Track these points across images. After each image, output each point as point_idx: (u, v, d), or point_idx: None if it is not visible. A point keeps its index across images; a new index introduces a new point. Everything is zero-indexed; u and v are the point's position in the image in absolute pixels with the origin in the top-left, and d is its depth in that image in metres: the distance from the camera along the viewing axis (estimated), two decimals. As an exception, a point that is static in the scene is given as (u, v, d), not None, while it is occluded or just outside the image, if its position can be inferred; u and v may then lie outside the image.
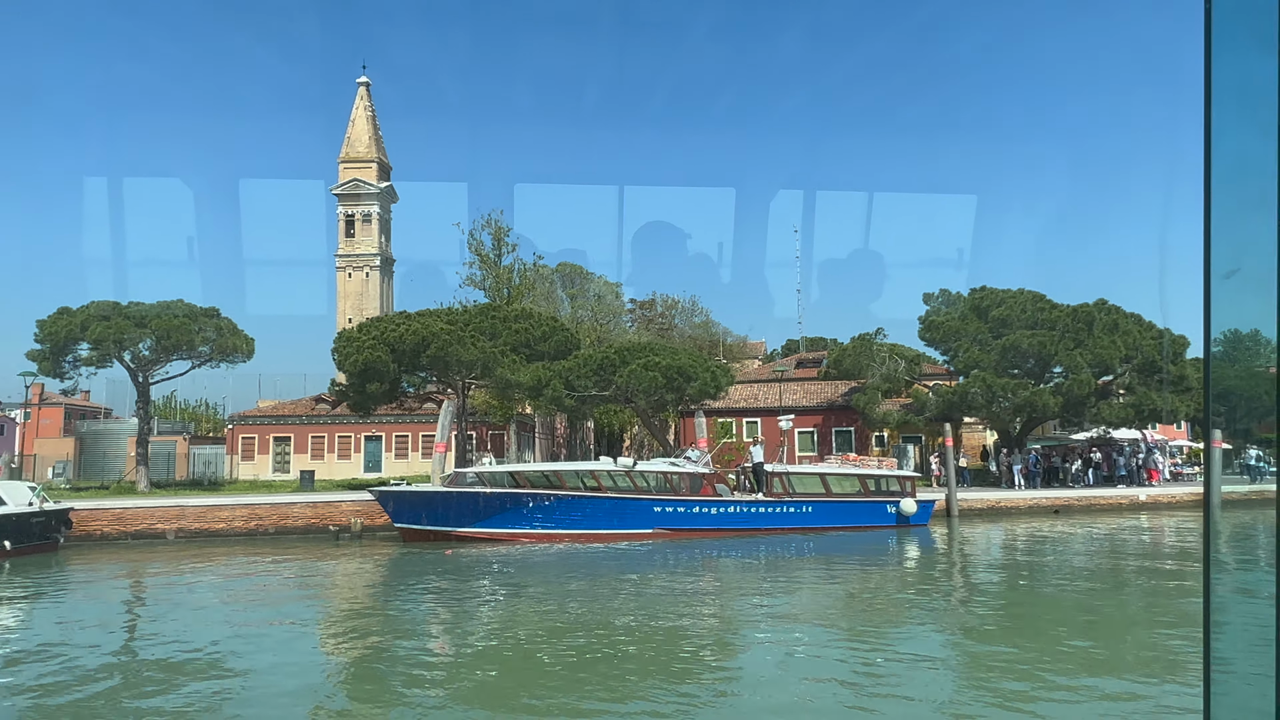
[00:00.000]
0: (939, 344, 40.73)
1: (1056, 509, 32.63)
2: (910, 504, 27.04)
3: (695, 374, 29.76)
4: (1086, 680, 10.65)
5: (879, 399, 42.28)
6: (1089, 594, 17.87)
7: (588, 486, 25.08)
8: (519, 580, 19.35)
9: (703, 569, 21.28)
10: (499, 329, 33.09)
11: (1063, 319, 37.29)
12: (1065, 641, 13.05)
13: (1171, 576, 19.81)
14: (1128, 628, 14.50)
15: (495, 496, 24.14)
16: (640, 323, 74.30)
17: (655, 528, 24.93)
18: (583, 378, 30.33)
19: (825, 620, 15.11)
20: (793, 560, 22.75)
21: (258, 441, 58.25)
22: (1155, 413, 36.53)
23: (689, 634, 13.69)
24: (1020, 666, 11.42)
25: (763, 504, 26.05)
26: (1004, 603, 17.18)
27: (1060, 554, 23.82)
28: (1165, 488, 35.77)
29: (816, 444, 47.22)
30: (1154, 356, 36.55)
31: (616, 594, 17.15)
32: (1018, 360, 36.97)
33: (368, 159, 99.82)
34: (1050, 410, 36.36)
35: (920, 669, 11.50)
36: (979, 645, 13.11)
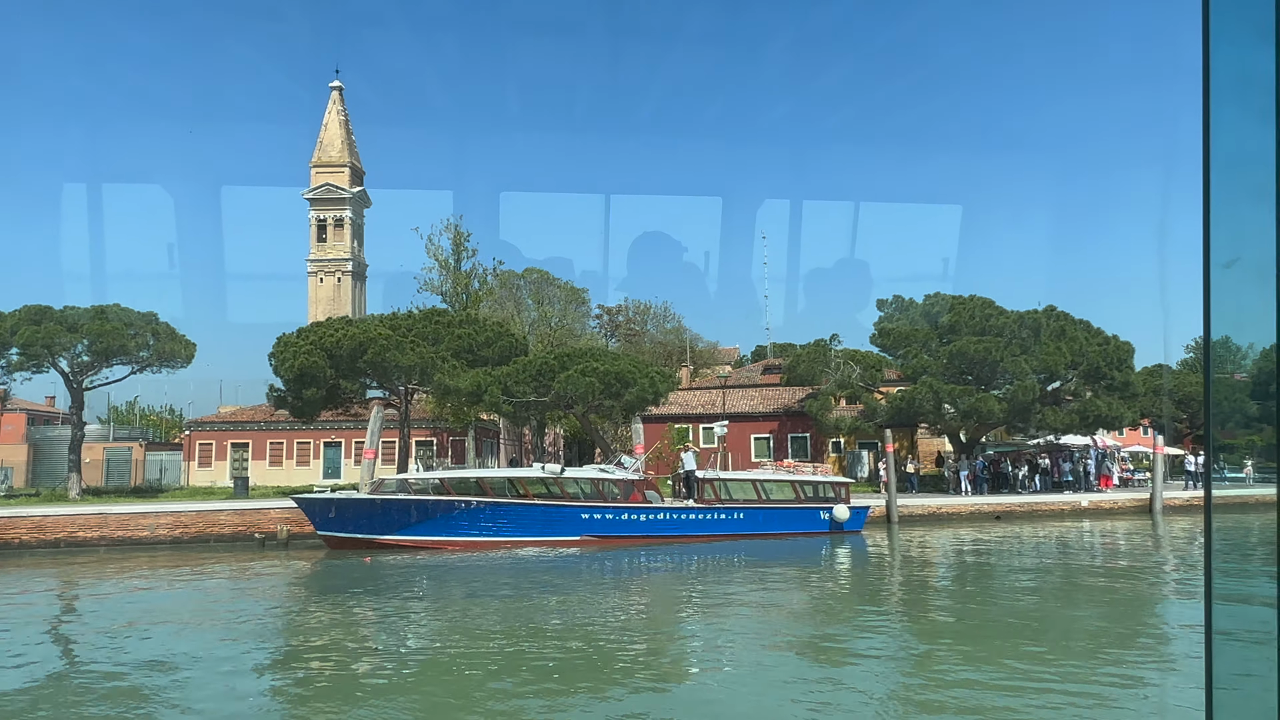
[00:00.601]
0: (891, 350, 40.80)
1: (998, 514, 32.65)
2: (843, 510, 26.98)
3: (634, 380, 29.64)
4: (1023, 683, 10.64)
5: (831, 405, 42.31)
6: (1008, 598, 17.85)
7: (515, 493, 24.90)
8: (440, 589, 19.15)
9: (630, 577, 21.15)
10: (441, 334, 32.89)
11: (1009, 326, 37.43)
12: (987, 644, 13.03)
13: (1097, 580, 19.76)
14: (1046, 630, 14.43)
15: (419, 504, 23.92)
16: (606, 328, 74.23)
17: (583, 535, 24.75)
18: (521, 384, 30.15)
19: (754, 628, 14.97)
20: (723, 567, 22.62)
21: (215, 448, 57.77)
22: (1101, 419, 36.65)
23: (616, 644, 13.41)
24: (953, 672, 11.42)
25: (693, 510, 25.92)
26: (932, 608, 17.08)
27: (989, 559, 23.82)
28: (1111, 494, 35.91)
29: (773, 450, 47.20)
30: (1099, 363, 36.71)
31: (542, 603, 16.96)
32: (965, 367, 37.06)
33: (340, 163, 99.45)
34: (996, 416, 36.45)
35: (847, 674, 11.46)
36: (907, 651, 13.05)
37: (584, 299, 71.51)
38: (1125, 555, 25.31)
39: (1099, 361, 36.67)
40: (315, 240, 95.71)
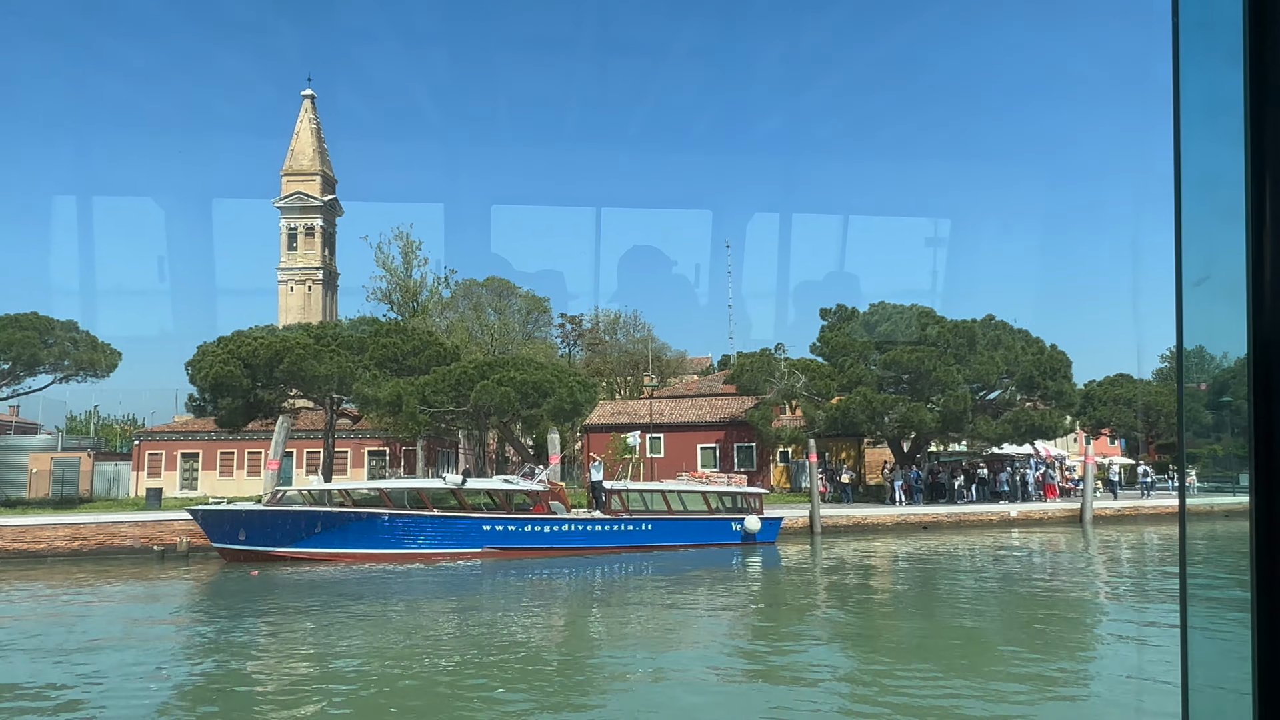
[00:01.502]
0: (830, 360, 40.62)
1: (925, 525, 32.45)
2: (754, 521, 26.74)
3: (552, 390, 29.40)
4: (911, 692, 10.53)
5: (772, 415, 42.10)
6: (898, 607, 17.67)
7: (414, 504, 24.61)
8: (330, 603, 18.74)
9: (528, 590, 20.82)
10: (366, 344, 32.61)
11: (945, 335, 37.30)
12: (887, 655, 12.88)
13: (1000, 590, 19.54)
14: (936, 640, 14.24)
15: (314, 515, 23.61)
16: (569, 337, 74.04)
17: (484, 547, 24.47)
18: (440, 393, 29.89)
19: (646, 641, 14.76)
20: (625, 579, 22.38)
21: (164, 458, 57.24)
22: (1036, 428, 36.51)
23: (501, 661, 13.11)
24: (859, 684, 11.36)
25: (599, 522, 25.65)
26: (837, 619, 16.86)
27: (898, 570, 23.57)
28: (1042, 504, 35.73)
29: (719, 460, 46.97)
30: (1032, 372, 36.59)
31: (438, 616, 16.68)
32: (899, 376, 36.90)
33: (311, 172, 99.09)
34: (928, 426, 36.29)
35: (741, 685, 11.25)
36: (810, 663, 12.82)
37: (545, 307, 71.30)
38: (1036, 565, 25.07)
39: (1032, 371, 36.55)
40: (286, 249, 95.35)
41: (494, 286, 71.17)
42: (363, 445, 57.03)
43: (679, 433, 47.47)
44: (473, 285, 71.11)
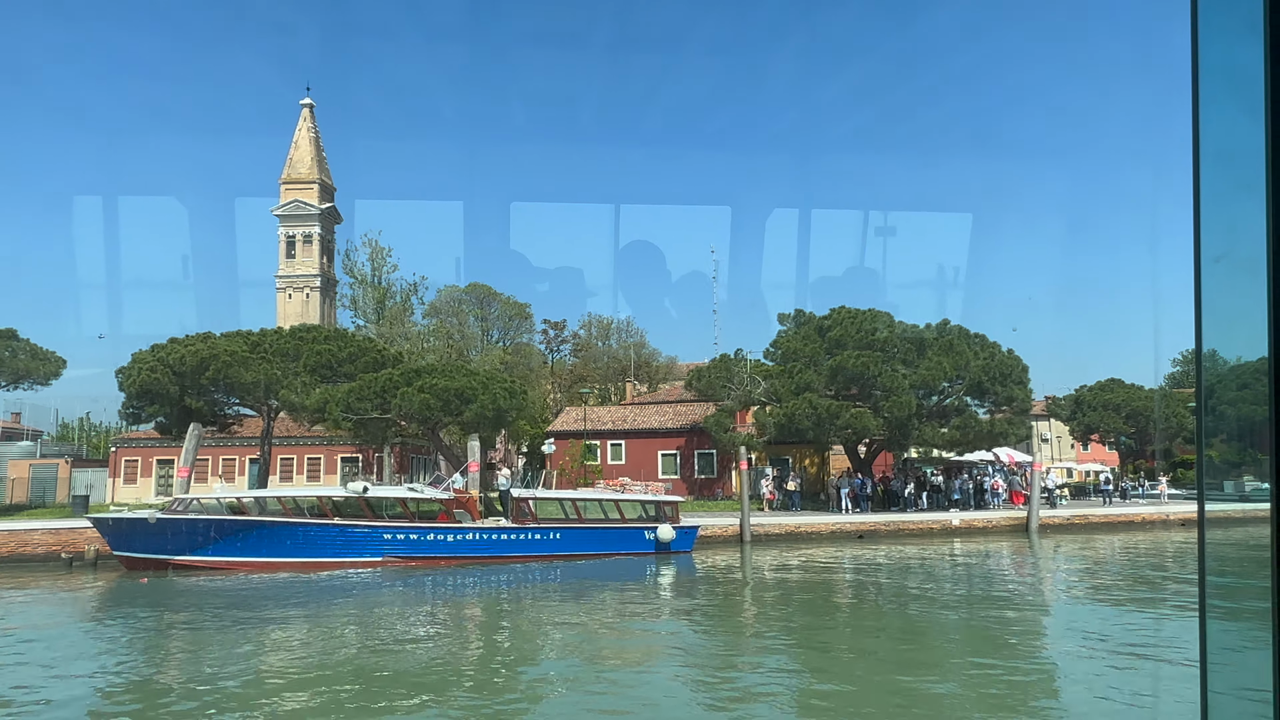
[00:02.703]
0: (782, 365, 40.09)
1: (861, 534, 31.84)
2: (668, 530, 26.34)
3: (474, 397, 29.21)
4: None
5: (728, 422, 41.60)
6: (800, 619, 17.27)
7: (314, 513, 24.50)
8: (221, 613, 18.63)
9: (428, 599, 20.57)
10: (301, 350, 32.64)
11: (893, 340, 36.69)
12: (766, 662, 12.63)
13: (912, 601, 19.01)
14: (840, 653, 13.89)
15: (213, 524, 23.58)
16: (552, 344, 73.98)
17: (385, 555, 24.30)
18: (364, 400, 29.82)
19: (536, 652, 14.57)
20: (526, 589, 22.07)
21: (141, 464, 57.87)
22: (984, 435, 35.75)
23: (389, 671, 12.92)
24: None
25: (506, 531, 25.40)
26: (743, 632, 16.50)
27: (814, 582, 22.93)
28: (984, 512, 34.94)
29: (679, 467, 46.57)
30: (981, 378, 35.84)
31: (337, 626, 16.53)
32: (846, 382, 36.32)
33: (309, 180, 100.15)
34: (872, 432, 35.66)
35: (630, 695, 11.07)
36: (711, 676, 12.53)
37: (527, 313, 71.38)
38: (959, 576, 24.37)
39: (981, 376, 35.80)
40: (284, 256, 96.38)
41: (476, 293, 71.35)
42: (336, 452, 57.31)
43: (641, 440, 47.13)
44: (454, 292, 71.34)
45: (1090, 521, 34.66)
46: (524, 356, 71.70)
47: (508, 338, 70.66)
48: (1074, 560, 26.62)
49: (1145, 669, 12.47)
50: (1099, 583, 22.23)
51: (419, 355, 46.09)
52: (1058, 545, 29.69)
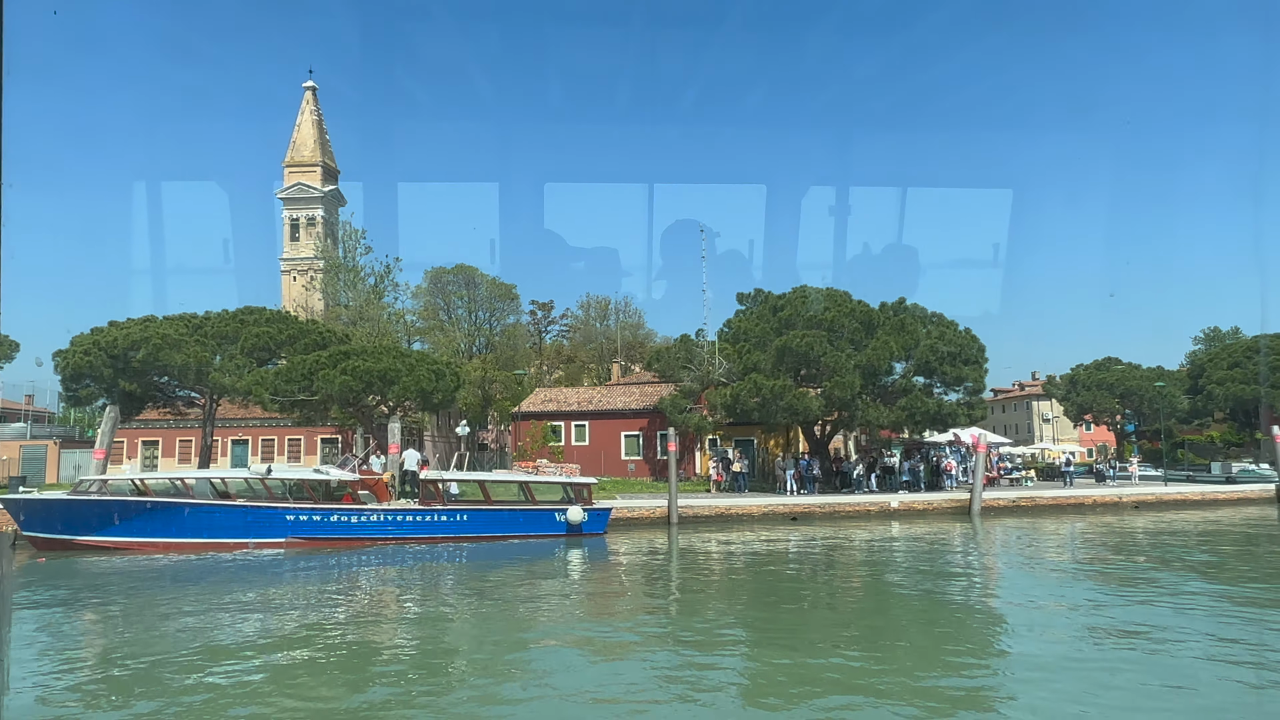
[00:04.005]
0: (735, 344, 39.64)
1: (794, 516, 31.44)
2: (577, 512, 26.18)
3: (397, 378, 29.22)
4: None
5: (682, 403, 41.27)
6: (703, 600, 17.10)
7: (217, 493, 24.72)
8: (117, 593, 18.84)
9: (323, 580, 20.64)
10: (240, 332, 32.88)
11: (840, 319, 36.03)
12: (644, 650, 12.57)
13: (792, 584, 18.71)
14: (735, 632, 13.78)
15: (115, 504, 23.90)
16: (540, 324, 73.91)
17: (288, 536, 24.47)
18: (292, 382, 29.98)
19: (417, 634, 14.55)
20: (427, 570, 22.06)
21: (126, 446, 59.00)
22: (931, 416, 35.03)
23: (270, 656, 12.95)
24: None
25: (411, 512, 25.43)
26: (618, 614, 16.33)
27: (727, 565, 22.59)
28: (924, 494, 34.29)
29: (642, 448, 46.39)
30: (928, 357, 35.08)
31: (233, 606, 16.64)
32: (793, 362, 35.77)
33: (312, 163, 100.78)
34: (814, 413, 35.13)
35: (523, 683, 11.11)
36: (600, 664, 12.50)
37: (514, 294, 71.36)
38: (876, 560, 23.93)
39: (928, 356, 35.05)
40: (288, 239, 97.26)
41: (462, 274, 71.45)
42: (316, 433, 57.97)
43: (605, 421, 46.99)
44: (441, 273, 71.51)
45: (1037, 504, 33.88)
46: (511, 338, 71.81)
47: (494, 319, 70.77)
48: (990, 544, 25.97)
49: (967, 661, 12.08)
50: (991, 565, 21.65)
51: (384, 337, 46.25)
52: (971, 532, 29.04)
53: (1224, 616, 14.33)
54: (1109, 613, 14.89)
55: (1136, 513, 33.93)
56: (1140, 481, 42.04)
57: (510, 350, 70.82)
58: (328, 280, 52.02)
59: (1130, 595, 16.61)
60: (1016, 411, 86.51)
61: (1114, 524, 30.34)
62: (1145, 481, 42.02)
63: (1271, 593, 17.07)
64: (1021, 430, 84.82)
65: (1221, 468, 51.64)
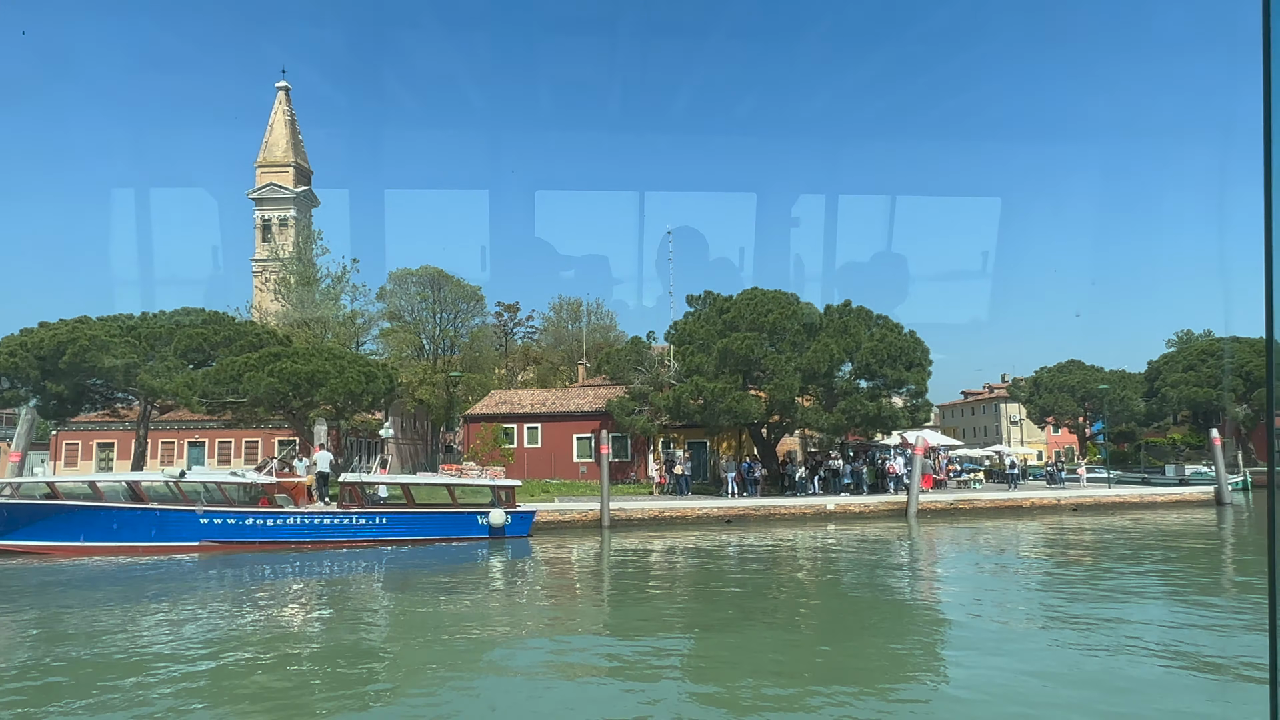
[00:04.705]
0: (680, 347, 39.53)
1: (729, 519, 31.35)
2: (499, 515, 26.02)
3: (324, 380, 28.99)
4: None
5: (630, 405, 41.15)
6: (619, 605, 16.94)
7: (130, 496, 24.46)
8: (20, 598, 18.51)
9: (236, 584, 20.40)
10: (173, 334, 32.59)
11: (782, 321, 35.96)
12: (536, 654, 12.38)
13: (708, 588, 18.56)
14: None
15: (22, 508, 23.60)
16: (506, 325, 73.70)
17: (202, 540, 24.22)
18: (220, 384, 29.71)
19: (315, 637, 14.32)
20: (340, 575, 21.83)
21: (81, 448, 58.52)
22: (871, 419, 34.98)
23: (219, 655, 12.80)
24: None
25: (329, 515, 25.20)
26: (518, 618, 16.11)
27: (652, 569, 22.40)
28: (860, 497, 34.25)
29: (594, 450, 46.21)
30: (869, 360, 35.04)
31: (138, 614, 16.37)
32: (735, 364, 35.68)
33: (284, 163, 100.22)
34: (752, 416, 35.05)
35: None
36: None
37: (479, 296, 71.17)
38: (793, 561, 23.84)
39: (869, 359, 35.01)
40: (260, 240, 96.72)
41: (427, 276, 71.21)
42: (274, 435, 57.56)
43: (557, 423, 46.82)
44: (406, 274, 71.25)
45: (975, 506, 33.89)
46: (478, 340, 71.60)
47: (460, 321, 70.55)
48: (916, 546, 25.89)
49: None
50: (905, 565, 21.55)
51: (335, 339, 45.96)
52: (902, 534, 28.98)
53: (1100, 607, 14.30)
54: (1011, 609, 14.84)
55: (1074, 515, 33.95)
56: (1088, 484, 42.15)
57: (475, 352, 70.63)
58: (280, 281, 51.69)
59: (1024, 592, 16.59)
60: (985, 414, 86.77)
61: (1042, 527, 30.34)
62: (1092, 484, 42.13)
63: (1138, 586, 17.03)
64: (990, 432, 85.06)
65: (1175, 470, 51.85)
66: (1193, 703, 9.69)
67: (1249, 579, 18.98)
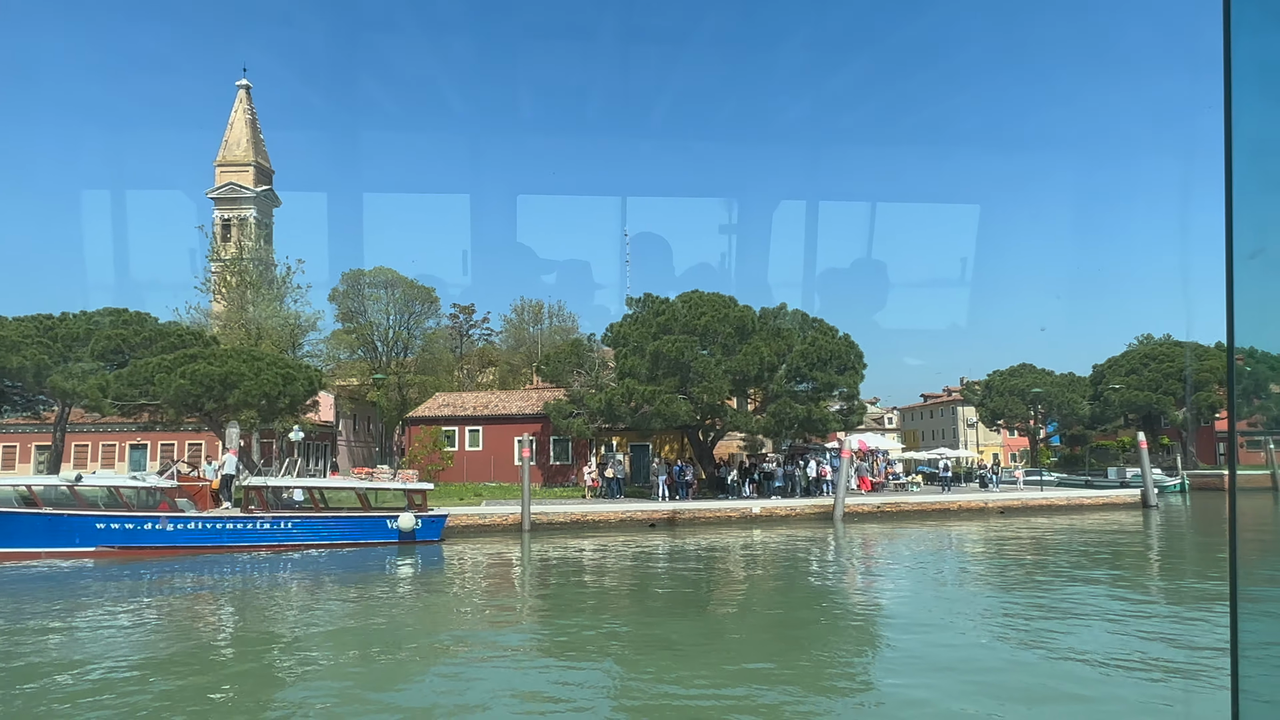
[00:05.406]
0: (615, 349, 39.34)
1: (653, 523, 31.18)
2: (408, 519, 25.67)
3: (238, 382, 28.54)
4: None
5: (567, 407, 40.91)
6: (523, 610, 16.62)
7: (23, 501, 23.93)
8: None
9: (132, 591, 19.89)
10: (91, 334, 32.00)
11: (714, 324, 35.86)
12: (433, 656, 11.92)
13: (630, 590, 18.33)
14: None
15: (-90, 513, 23.03)
16: (461, 327, 73.28)
17: (99, 545, 23.72)
18: (134, 386, 29.18)
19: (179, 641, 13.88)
20: (239, 580, 21.39)
21: (19, 450, 57.57)
22: (803, 422, 34.95)
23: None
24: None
25: (232, 520, 24.77)
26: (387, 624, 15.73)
27: (561, 572, 22.10)
28: (788, 500, 34.19)
29: (535, 453, 45.93)
30: (799, 364, 35.02)
31: (17, 621, 15.83)
32: (666, 367, 35.53)
33: (244, 162, 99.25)
34: (682, 418, 34.93)
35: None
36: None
37: (433, 297, 70.70)
38: (705, 564, 23.65)
39: (799, 362, 34.98)
40: (219, 240, 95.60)
41: (379, 277, 70.64)
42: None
43: (498, 425, 46.52)
44: (358, 275, 70.65)
45: (902, 509, 33.93)
46: (432, 342, 71.07)
47: (414, 323, 70.02)
48: (835, 549, 25.83)
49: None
50: (815, 566, 21.46)
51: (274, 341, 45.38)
52: (825, 537, 28.95)
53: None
54: (915, 609, 14.75)
55: (1001, 518, 34.08)
56: (1024, 487, 42.38)
57: (430, 355, 70.14)
58: (220, 281, 51.03)
59: (920, 591, 16.54)
60: (943, 417, 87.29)
61: (961, 529, 30.40)
62: (1029, 487, 42.36)
63: (1044, 579, 17.02)
64: (948, 435, 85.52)
65: (1117, 473, 52.26)
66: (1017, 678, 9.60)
67: (1157, 582, 19.05)
